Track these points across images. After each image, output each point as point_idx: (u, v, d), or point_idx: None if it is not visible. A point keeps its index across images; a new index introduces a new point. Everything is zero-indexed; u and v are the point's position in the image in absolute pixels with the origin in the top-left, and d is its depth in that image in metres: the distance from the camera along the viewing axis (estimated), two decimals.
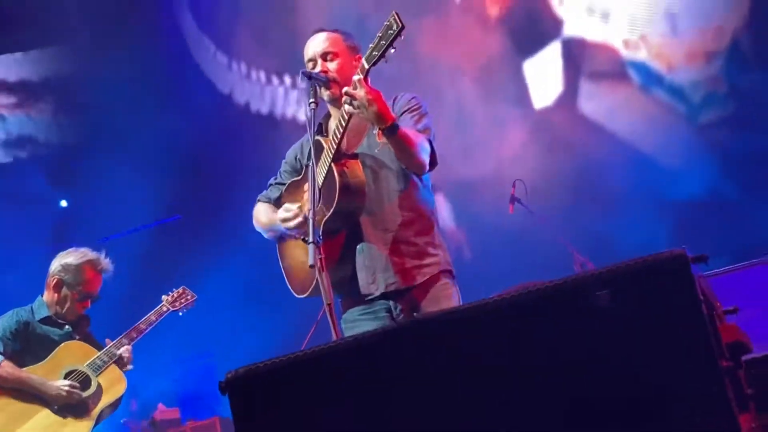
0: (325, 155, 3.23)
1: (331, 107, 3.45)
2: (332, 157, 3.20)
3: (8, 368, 4.48)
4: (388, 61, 2.97)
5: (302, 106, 3.33)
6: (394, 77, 4.01)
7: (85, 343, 4.76)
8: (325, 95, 3.35)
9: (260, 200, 3.66)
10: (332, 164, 3.20)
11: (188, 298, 5.07)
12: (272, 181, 3.67)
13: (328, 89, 3.33)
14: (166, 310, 4.98)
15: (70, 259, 4.78)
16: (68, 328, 4.76)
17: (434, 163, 3.32)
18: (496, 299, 2.05)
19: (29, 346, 4.64)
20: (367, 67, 3.02)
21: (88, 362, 4.64)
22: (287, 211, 3.34)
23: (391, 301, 3.28)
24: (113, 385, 4.66)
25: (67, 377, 4.57)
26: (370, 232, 3.29)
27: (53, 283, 4.75)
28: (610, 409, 1.95)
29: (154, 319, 4.90)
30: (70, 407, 4.52)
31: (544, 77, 7.71)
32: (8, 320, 4.65)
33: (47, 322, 4.73)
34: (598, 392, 1.96)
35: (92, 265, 4.79)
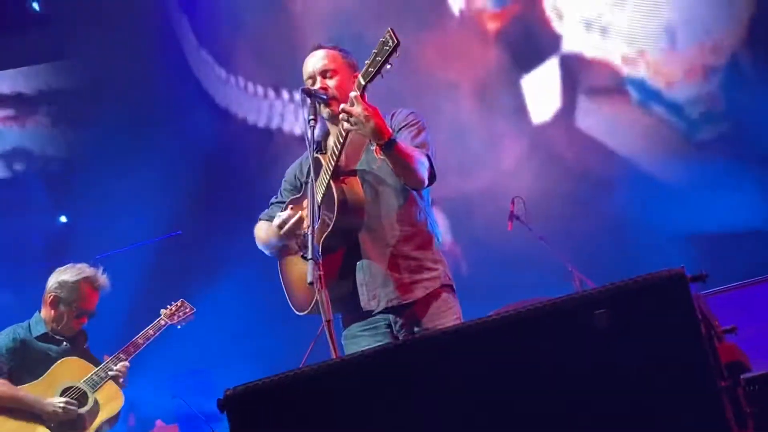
0: (323, 172, 3.24)
1: (330, 125, 3.45)
2: (331, 174, 3.21)
3: (3, 387, 4.46)
4: (384, 77, 2.98)
5: (298, 119, 3.34)
6: (392, 93, 4.01)
7: (82, 359, 4.73)
8: (324, 112, 3.36)
9: (261, 219, 3.67)
10: (331, 181, 3.21)
11: (187, 311, 5.02)
12: (273, 199, 3.68)
13: (327, 106, 3.34)
14: (164, 323, 4.93)
15: (66, 275, 4.76)
16: (65, 344, 4.73)
17: (433, 178, 3.32)
18: (495, 317, 2.05)
19: (26, 363, 4.61)
20: (363, 83, 3.03)
21: (85, 378, 4.61)
22: (279, 217, 3.34)
23: (391, 315, 3.28)
24: (110, 401, 4.63)
25: (63, 394, 4.54)
26: (369, 248, 3.29)
27: (50, 299, 4.73)
28: (608, 427, 1.95)
29: (152, 333, 4.86)
30: (66, 424, 4.50)
31: (542, 93, 7.74)
32: (5, 338, 4.63)
33: (44, 338, 4.70)
34: (596, 411, 1.96)
35: (89, 281, 4.76)
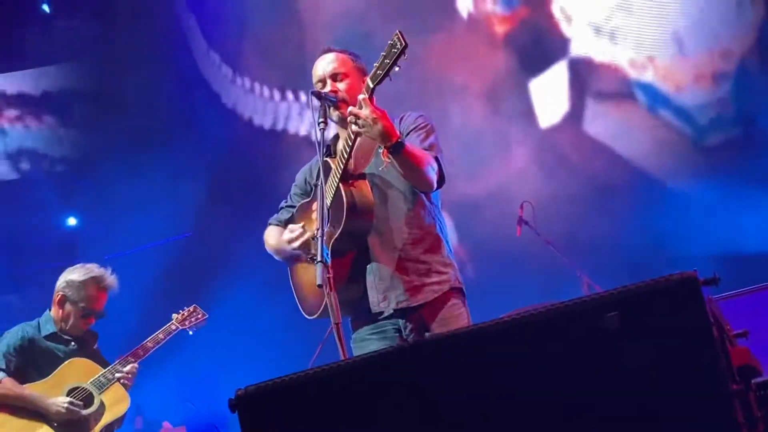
0: (333, 175, 3.24)
1: (339, 128, 3.45)
2: (340, 177, 3.21)
3: (8, 384, 4.47)
4: (392, 79, 2.98)
5: (304, 121, 3.35)
6: (400, 95, 4.01)
7: (90, 360, 4.73)
8: (334, 116, 3.35)
9: (271, 223, 3.67)
10: (340, 184, 3.20)
11: (199, 317, 5.01)
12: (283, 204, 3.69)
13: (337, 110, 3.33)
14: (174, 328, 4.92)
15: (74, 275, 4.77)
16: (74, 344, 4.74)
17: (442, 180, 3.33)
18: (506, 319, 2.05)
19: (33, 362, 4.62)
20: (371, 86, 3.03)
21: (91, 379, 4.62)
22: (291, 231, 3.35)
23: (400, 320, 3.28)
24: (116, 403, 4.64)
25: (69, 394, 4.55)
26: (379, 251, 3.29)
27: (58, 298, 4.74)
28: (618, 430, 1.95)
29: (162, 337, 4.85)
30: (70, 424, 4.50)
31: (550, 96, 7.74)
32: (13, 336, 4.64)
33: (53, 338, 4.71)
34: (607, 413, 1.96)
35: (96, 281, 4.77)
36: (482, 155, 7.60)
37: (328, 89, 3.36)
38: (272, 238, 3.59)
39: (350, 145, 3.18)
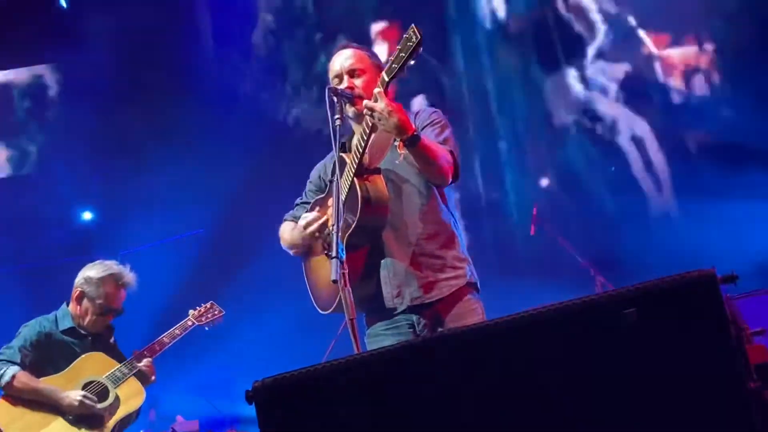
0: (347, 170, 3.24)
1: (354, 124, 3.45)
2: (354, 171, 3.21)
3: (24, 379, 4.49)
4: (407, 74, 2.99)
5: (319, 116, 3.34)
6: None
7: (106, 354, 4.75)
8: (350, 111, 3.35)
9: (286, 219, 3.67)
10: (354, 179, 3.21)
11: (216, 313, 5.02)
12: (298, 200, 3.69)
13: (353, 106, 3.33)
14: (191, 324, 4.94)
15: (92, 272, 4.77)
16: (90, 339, 4.76)
17: (457, 175, 3.33)
18: (522, 315, 2.05)
19: (50, 356, 4.64)
20: (387, 79, 3.04)
21: (107, 374, 4.64)
22: (305, 218, 3.37)
23: (414, 316, 3.28)
24: (131, 397, 4.66)
25: (85, 388, 4.57)
26: (393, 246, 3.29)
27: (76, 295, 4.76)
28: (634, 426, 1.95)
29: (178, 333, 4.87)
30: (84, 418, 4.52)
31: (566, 94, 7.79)
32: (30, 331, 4.66)
33: (70, 332, 4.73)
34: (623, 409, 1.96)
35: (114, 279, 4.77)
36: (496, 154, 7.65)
37: (344, 85, 3.36)
38: (287, 233, 3.59)
39: (365, 139, 3.18)
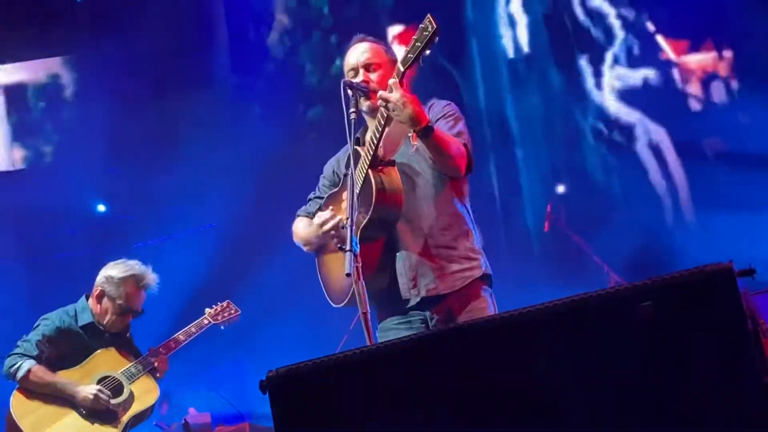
0: (362, 162, 3.23)
1: (368, 118, 3.44)
2: (369, 163, 3.21)
3: (39, 373, 4.54)
4: (422, 64, 2.99)
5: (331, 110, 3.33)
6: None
7: (122, 350, 4.79)
8: (364, 106, 3.34)
9: (300, 215, 3.67)
10: (369, 170, 3.20)
11: (232, 312, 5.05)
12: (311, 195, 3.69)
13: (368, 99, 3.32)
14: (207, 322, 4.98)
15: (114, 271, 4.80)
16: (108, 335, 4.79)
17: (470, 167, 3.33)
18: (538, 307, 2.04)
19: (67, 350, 4.69)
20: (402, 69, 3.04)
21: (122, 369, 4.69)
22: (320, 216, 3.36)
23: (427, 311, 3.27)
24: (145, 393, 4.70)
25: (100, 383, 4.61)
26: (408, 238, 3.29)
27: (96, 293, 4.79)
28: (651, 420, 1.94)
29: (194, 331, 4.92)
30: (98, 412, 4.56)
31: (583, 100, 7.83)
32: (49, 325, 4.69)
33: (88, 328, 4.76)
34: (639, 403, 1.95)
35: (135, 279, 4.79)
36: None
37: (359, 79, 3.35)
38: (301, 229, 3.59)
39: (380, 130, 3.18)
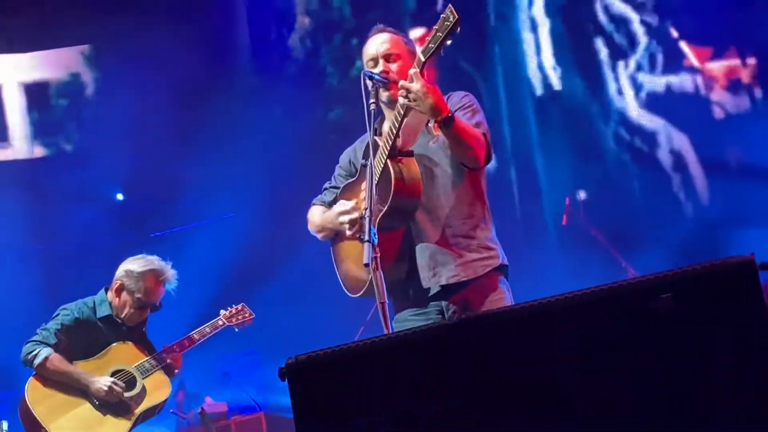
0: (380, 153, 3.23)
1: (386, 109, 3.43)
2: (388, 153, 3.20)
3: (56, 361, 4.61)
4: (444, 54, 2.99)
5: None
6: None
7: (137, 345, 4.86)
8: (383, 96, 3.33)
9: (315, 203, 3.67)
10: (387, 161, 3.19)
11: (246, 315, 5.12)
12: (327, 185, 3.69)
13: (387, 90, 3.31)
14: (221, 324, 5.06)
15: (134, 265, 4.88)
16: (125, 329, 4.86)
17: (489, 158, 3.32)
18: (556, 298, 2.03)
19: (84, 341, 4.76)
20: (423, 59, 3.03)
21: (136, 364, 4.75)
22: (344, 205, 3.36)
23: (444, 301, 3.28)
24: (157, 389, 4.77)
25: (113, 376, 4.68)
26: (427, 228, 3.30)
27: (116, 286, 4.86)
28: (669, 414, 1.93)
29: (208, 331, 5.00)
30: (111, 405, 4.63)
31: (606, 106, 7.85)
32: (69, 315, 4.76)
33: (106, 320, 4.83)
34: (658, 397, 1.94)
35: (155, 274, 4.87)
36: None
37: (379, 69, 3.34)
38: (316, 216, 3.59)
39: (399, 120, 3.17)
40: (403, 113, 3.16)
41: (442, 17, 2.93)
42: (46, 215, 8.07)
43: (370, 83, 3.26)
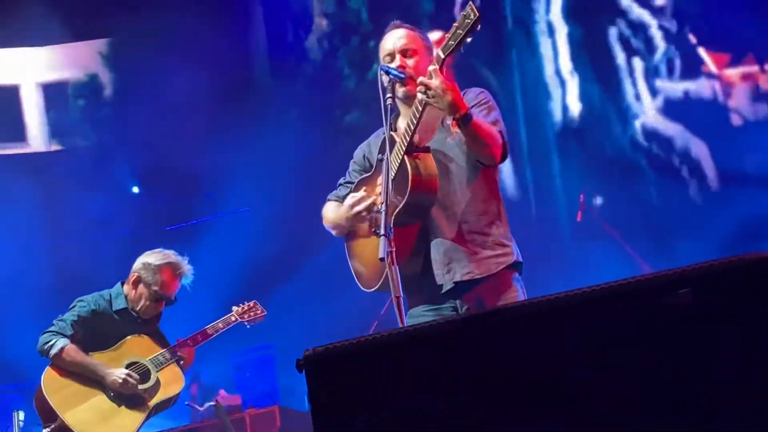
0: (397, 148, 3.23)
1: (402, 105, 3.43)
2: (405, 149, 3.20)
3: (72, 352, 4.66)
4: (460, 57, 3.00)
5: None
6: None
7: (152, 338, 4.90)
8: (399, 92, 3.34)
9: (330, 199, 3.68)
10: (405, 156, 3.20)
11: (258, 312, 5.17)
12: (341, 180, 3.69)
13: (404, 86, 3.32)
14: (234, 320, 5.10)
15: (151, 258, 4.93)
16: (140, 321, 4.90)
17: (504, 155, 3.33)
18: (569, 293, 2.02)
19: (99, 333, 4.80)
20: (443, 56, 3.04)
21: (151, 357, 4.80)
22: (354, 197, 3.37)
23: (458, 300, 3.29)
24: (171, 382, 4.81)
25: (128, 368, 4.72)
26: (443, 224, 3.30)
27: (133, 279, 4.91)
28: (687, 412, 1.93)
29: (221, 326, 5.04)
30: (125, 396, 4.68)
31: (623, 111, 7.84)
32: (86, 307, 4.81)
33: (122, 313, 4.87)
34: (675, 394, 1.93)
35: (172, 268, 4.92)
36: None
37: (396, 64, 3.35)
38: (330, 212, 3.60)
39: (417, 116, 3.18)
40: (421, 109, 3.16)
41: (462, 14, 2.94)
42: (62, 208, 8.11)
43: (386, 78, 3.27)
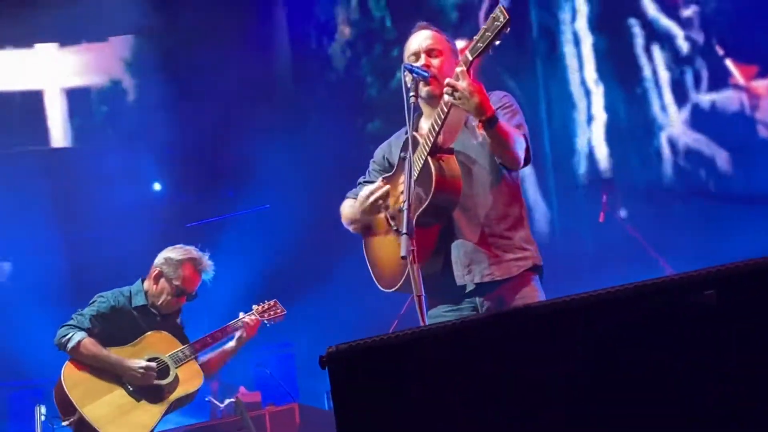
0: (421, 148, 3.24)
1: (425, 105, 3.44)
2: (429, 150, 3.21)
3: (89, 345, 4.68)
4: (491, 53, 2.99)
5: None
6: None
7: (172, 335, 4.93)
8: (423, 91, 3.33)
9: (348, 197, 3.69)
10: (428, 157, 3.20)
11: (278, 311, 5.17)
12: (361, 179, 3.70)
13: (427, 85, 3.32)
14: (254, 318, 5.07)
15: (173, 253, 4.97)
16: (159, 318, 4.93)
17: (528, 159, 3.34)
18: (599, 293, 2.02)
19: (118, 329, 4.82)
20: (471, 58, 3.04)
21: (170, 353, 4.82)
22: (367, 189, 3.38)
23: (478, 299, 3.29)
24: (190, 379, 4.84)
25: None
26: (464, 226, 3.30)
27: (154, 273, 4.95)
28: (706, 413, 1.91)
29: (240, 324, 5.02)
30: (145, 390, 4.71)
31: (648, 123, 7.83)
32: (105, 303, 4.84)
33: (141, 310, 4.90)
34: (695, 395, 1.92)
35: (193, 263, 4.97)
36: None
37: (421, 63, 3.36)
38: (347, 208, 3.62)
39: (442, 117, 3.17)
40: (447, 111, 3.16)
41: (491, 17, 2.93)
42: (83, 204, 8.14)
43: (409, 77, 3.27)
